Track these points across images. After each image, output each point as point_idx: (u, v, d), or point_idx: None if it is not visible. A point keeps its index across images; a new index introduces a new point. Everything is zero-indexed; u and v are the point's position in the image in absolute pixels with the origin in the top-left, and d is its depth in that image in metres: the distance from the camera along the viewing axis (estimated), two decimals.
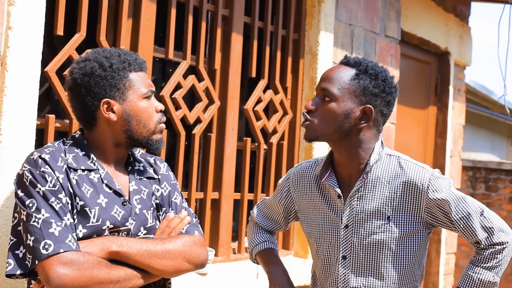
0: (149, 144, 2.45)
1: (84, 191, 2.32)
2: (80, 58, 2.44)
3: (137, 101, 2.41)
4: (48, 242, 2.17)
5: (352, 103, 2.51)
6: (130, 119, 2.40)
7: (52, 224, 2.19)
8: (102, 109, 2.37)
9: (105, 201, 2.35)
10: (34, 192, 2.23)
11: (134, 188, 2.47)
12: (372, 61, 2.60)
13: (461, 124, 7.46)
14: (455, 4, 7.05)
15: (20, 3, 2.87)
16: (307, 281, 4.58)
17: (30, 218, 2.21)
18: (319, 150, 4.75)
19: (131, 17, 3.64)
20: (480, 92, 13.67)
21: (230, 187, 4.27)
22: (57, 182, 2.26)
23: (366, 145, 2.57)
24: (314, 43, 4.78)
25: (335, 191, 2.60)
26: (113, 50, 2.45)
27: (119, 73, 2.38)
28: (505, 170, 9.27)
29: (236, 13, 4.27)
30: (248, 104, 4.43)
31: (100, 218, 2.32)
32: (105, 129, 2.41)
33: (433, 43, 6.65)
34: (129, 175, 2.49)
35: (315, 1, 4.78)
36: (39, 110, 3.02)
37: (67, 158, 2.33)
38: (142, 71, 2.46)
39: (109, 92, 2.37)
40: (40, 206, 2.21)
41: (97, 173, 2.37)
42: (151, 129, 2.43)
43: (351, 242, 2.57)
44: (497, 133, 16.19)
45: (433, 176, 2.54)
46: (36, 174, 2.24)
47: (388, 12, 5.57)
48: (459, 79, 7.35)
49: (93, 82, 2.36)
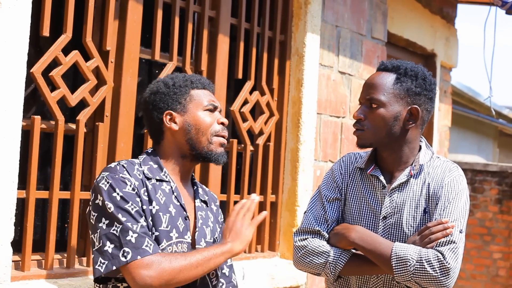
0: (209, 155, 2.62)
1: (158, 198, 2.51)
2: (153, 81, 2.74)
3: (196, 111, 2.62)
4: (127, 250, 2.37)
5: (399, 106, 2.66)
6: (190, 128, 2.61)
7: (129, 231, 2.38)
8: (165, 120, 2.61)
9: (174, 211, 2.54)
10: (112, 196, 2.41)
11: (198, 206, 2.67)
12: (407, 62, 2.74)
13: (447, 126, 7.50)
14: (442, 6, 7.08)
15: (5, 3, 2.85)
16: (293, 282, 4.59)
17: (110, 224, 2.39)
18: (306, 152, 4.76)
19: (117, 18, 3.64)
20: (467, 94, 13.73)
21: (216, 189, 4.26)
22: (134, 187, 2.45)
23: (412, 145, 2.72)
24: (301, 45, 4.79)
25: (381, 182, 2.71)
26: (182, 74, 2.73)
27: (181, 89, 2.63)
28: (491, 171, 9.30)
29: (222, 14, 4.27)
30: (235, 105, 4.43)
31: (169, 225, 2.50)
32: (170, 140, 2.63)
33: (419, 45, 6.68)
34: (194, 193, 2.70)
35: (301, 3, 4.78)
36: (25, 111, 3.01)
37: (143, 169, 2.54)
38: (206, 90, 2.68)
39: (171, 105, 2.62)
40: (118, 211, 2.39)
41: (169, 185, 2.58)
42: (208, 138, 2.61)
43: (388, 232, 2.68)
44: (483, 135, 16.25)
45: (460, 176, 2.70)
46: (115, 179, 2.44)
47: (374, 14, 5.58)
48: (445, 80, 7.39)
49: (158, 99, 2.63)
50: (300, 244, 2.73)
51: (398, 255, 2.55)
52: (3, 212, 2.82)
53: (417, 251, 2.55)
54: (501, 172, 9.24)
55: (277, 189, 4.77)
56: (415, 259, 2.53)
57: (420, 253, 2.54)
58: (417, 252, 2.54)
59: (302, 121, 4.75)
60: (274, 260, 4.65)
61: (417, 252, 2.54)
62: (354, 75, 5.34)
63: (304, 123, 4.76)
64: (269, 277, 4.43)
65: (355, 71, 5.36)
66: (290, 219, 4.76)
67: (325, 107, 5.02)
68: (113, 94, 3.62)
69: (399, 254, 2.55)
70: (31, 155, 3.14)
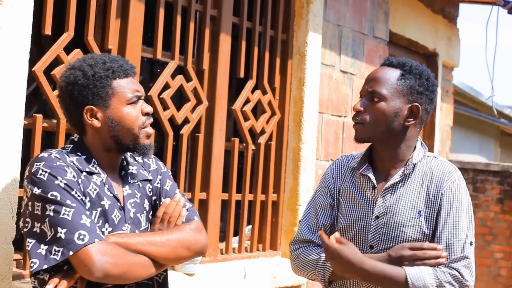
0: (137, 149, 2.48)
1: (90, 192, 2.38)
2: (68, 66, 2.48)
3: (120, 107, 2.43)
4: (83, 233, 2.22)
5: (400, 102, 2.64)
6: (114, 125, 2.43)
7: (82, 215, 2.25)
8: (86, 117, 2.42)
9: (108, 203, 2.41)
10: (54, 185, 2.26)
11: (128, 193, 2.51)
12: (412, 60, 2.72)
13: (449, 126, 7.49)
14: (443, 6, 7.08)
15: (7, 2, 2.85)
16: (294, 282, 4.59)
17: (58, 211, 2.24)
18: (307, 151, 4.76)
19: (119, 17, 3.64)
20: (468, 93, 13.72)
21: (218, 188, 4.27)
22: (75, 175, 2.33)
23: (410, 143, 2.69)
24: (303, 44, 4.78)
25: (371, 182, 2.68)
26: (100, 56, 2.47)
27: (102, 81, 2.41)
28: (493, 171, 9.30)
29: (224, 13, 4.27)
30: (236, 104, 4.43)
31: (101, 220, 2.38)
32: (93, 135, 2.45)
33: (421, 44, 6.67)
34: (122, 180, 2.53)
35: (303, 2, 4.78)
36: (27, 110, 3.01)
37: (72, 160, 2.39)
38: (128, 77, 2.48)
39: (92, 100, 2.41)
40: (65, 197, 2.26)
41: (99, 177, 2.43)
42: (135, 134, 2.45)
43: (380, 232, 2.64)
44: (485, 135, 16.24)
45: (459, 179, 2.66)
46: (54, 167, 2.29)
47: (376, 13, 5.58)
48: (447, 80, 7.38)
49: (77, 91, 2.40)
50: (294, 254, 2.79)
51: (416, 285, 2.50)
52: (4, 211, 2.82)
53: (432, 275, 2.50)
54: (502, 172, 9.24)
55: (278, 188, 4.77)
56: (435, 285, 2.50)
57: (436, 276, 2.51)
58: (433, 276, 2.50)
59: (304, 120, 4.75)
60: (275, 259, 4.65)
61: (433, 276, 2.50)
62: (356, 74, 5.34)
63: (305, 122, 4.76)
64: (270, 276, 4.44)
65: (357, 70, 5.36)
66: (291, 218, 4.75)
67: (326, 106, 5.02)
68: None
69: (417, 284, 2.50)
70: (33, 154, 3.14)
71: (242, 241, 4.50)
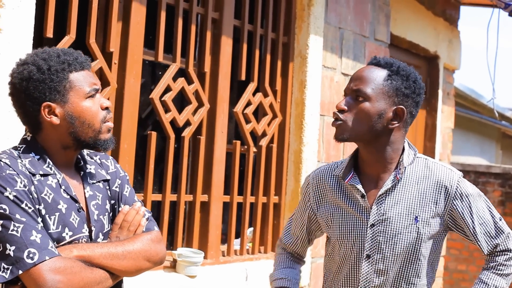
0: (97, 145, 2.37)
1: (45, 197, 2.25)
2: (19, 61, 2.36)
3: (79, 101, 2.31)
4: (32, 251, 2.12)
5: (385, 104, 2.54)
6: (73, 121, 2.31)
7: (32, 231, 2.14)
8: (43, 113, 2.28)
9: (65, 206, 2.30)
10: (3, 197, 2.14)
11: (90, 194, 2.42)
12: (400, 61, 2.63)
13: (450, 128, 7.49)
14: (445, 8, 7.08)
15: (9, 5, 2.86)
16: None
17: (6, 226, 2.13)
18: (309, 154, 4.77)
19: (121, 19, 3.65)
20: (470, 96, 13.72)
21: (219, 190, 4.27)
22: (25, 184, 2.19)
23: (396, 145, 2.60)
24: (304, 46, 4.79)
25: (359, 191, 2.60)
26: (53, 50, 2.35)
27: (58, 75, 2.28)
28: (494, 173, 9.29)
29: (226, 16, 4.28)
30: (238, 107, 4.44)
31: (60, 225, 2.27)
32: (51, 132, 2.32)
33: (422, 46, 6.68)
34: (82, 180, 2.43)
35: (304, 5, 4.79)
36: None
37: (24, 163, 2.25)
38: (85, 70, 2.36)
39: (49, 96, 2.27)
40: (14, 211, 2.14)
41: (55, 178, 2.30)
42: (96, 129, 2.35)
43: (377, 241, 2.58)
44: (486, 137, 16.23)
45: (461, 179, 2.61)
46: (2, 177, 2.16)
47: (377, 15, 5.59)
48: (448, 82, 7.39)
49: (32, 87, 2.27)
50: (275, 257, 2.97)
51: None
52: None
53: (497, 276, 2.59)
54: (504, 174, 9.24)
55: (280, 191, 4.77)
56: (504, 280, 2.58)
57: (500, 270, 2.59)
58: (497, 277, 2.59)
59: (305, 122, 4.76)
60: None
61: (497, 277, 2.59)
62: None
63: (307, 124, 4.77)
64: None
65: None
66: None
67: (328, 109, 5.02)
68: (117, 95, 3.62)
69: None
70: None
71: (243, 243, 4.51)
